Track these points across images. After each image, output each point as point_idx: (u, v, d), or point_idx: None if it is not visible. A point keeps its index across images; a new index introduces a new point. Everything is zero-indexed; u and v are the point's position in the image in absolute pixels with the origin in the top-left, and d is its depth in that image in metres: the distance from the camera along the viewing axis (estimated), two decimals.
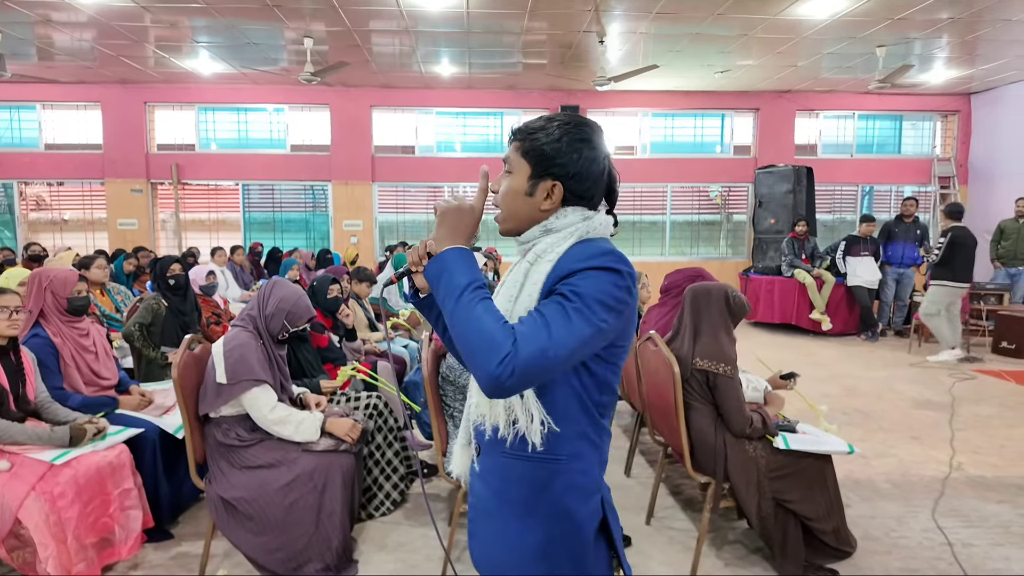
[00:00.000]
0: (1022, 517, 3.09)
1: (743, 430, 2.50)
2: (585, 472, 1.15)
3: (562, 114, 1.19)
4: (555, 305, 1.03)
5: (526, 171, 1.17)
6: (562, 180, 1.15)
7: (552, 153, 1.14)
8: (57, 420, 2.62)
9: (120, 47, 7.46)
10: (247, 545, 2.44)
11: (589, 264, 1.06)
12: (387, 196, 10.12)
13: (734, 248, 10.63)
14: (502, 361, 0.96)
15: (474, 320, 1.00)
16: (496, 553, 1.21)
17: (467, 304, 1.01)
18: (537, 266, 1.13)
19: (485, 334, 0.98)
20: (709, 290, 2.65)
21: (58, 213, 9.96)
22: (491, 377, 0.97)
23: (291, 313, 2.68)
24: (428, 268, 1.08)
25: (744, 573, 2.60)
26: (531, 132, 1.17)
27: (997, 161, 9.68)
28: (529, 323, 1.01)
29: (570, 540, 1.15)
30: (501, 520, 1.18)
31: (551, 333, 0.99)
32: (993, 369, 6.15)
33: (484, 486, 1.22)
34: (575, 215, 1.16)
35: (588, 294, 1.03)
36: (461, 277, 1.04)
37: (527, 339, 0.98)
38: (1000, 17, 6.33)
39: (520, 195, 1.17)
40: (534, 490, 1.14)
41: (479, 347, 0.98)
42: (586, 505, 1.16)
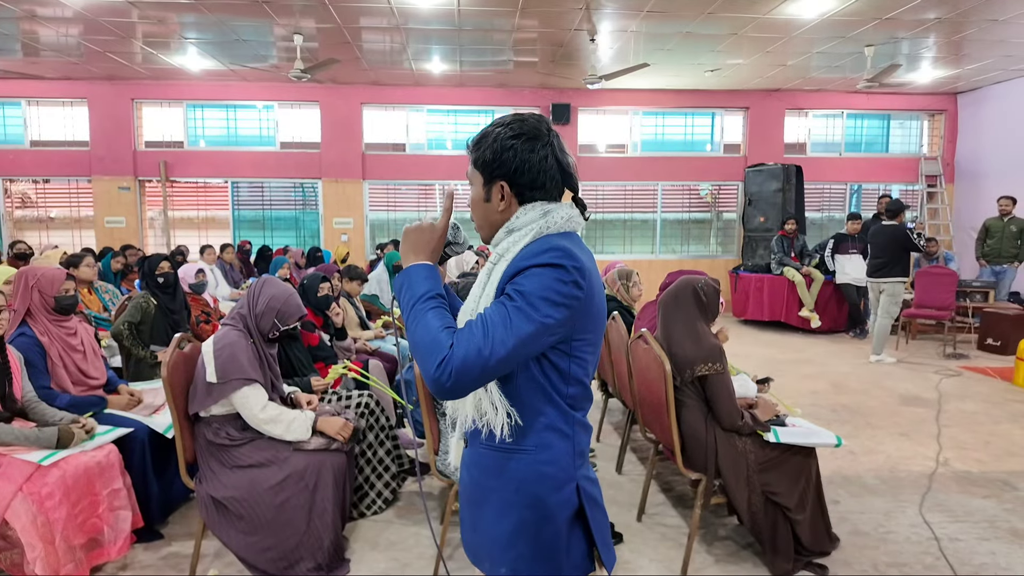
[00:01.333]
0: (1007, 512, 3.14)
1: (735, 423, 2.52)
2: (553, 462, 1.19)
3: (504, 117, 1.24)
4: (497, 305, 1.09)
5: (479, 179, 1.25)
6: (505, 179, 1.21)
7: (491, 156, 1.21)
8: (44, 420, 2.59)
9: (107, 43, 7.38)
10: (238, 545, 2.43)
11: (534, 262, 1.11)
12: (378, 194, 10.09)
13: (724, 246, 10.69)
14: (440, 364, 1.03)
15: (422, 327, 1.08)
16: (475, 538, 1.29)
17: (419, 312, 1.10)
18: (498, 266, 1.19)
19: (428, 339, 1.06)
20: (676, 293, 2.65)
21: (44, 211, 9.84)
22: (432, 379, 1.04)
23: (281, 312, 2.67)
24: (395, 281, 1.19)
25: (735, 568, 2.62)
26: (476, 142, 1.25)
27: (983, 160, 9.79)
28: (469, 326, 1.08)
29: (539, 528, 1.18)
30: (481, 508, 1.24)
31: (487, 332, 1.05)
32: (979, 366, 6.23)
33: (469, 476, 1.29)
34: (534, 212, 1.20)
35: (530, 292, 1.08)
36: (418, 288, 1.13)
37: (463, 341, 1.04)
38: (986, 17, 6.40)
39: (480, 203, 1.27)
40: (504, 479, 1.20)
41: (423, 351, 1.06)
42: (557, 494, 1.19)
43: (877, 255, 6.33)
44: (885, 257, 6.24)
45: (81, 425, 2.56)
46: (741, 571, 2.60)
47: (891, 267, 6.22)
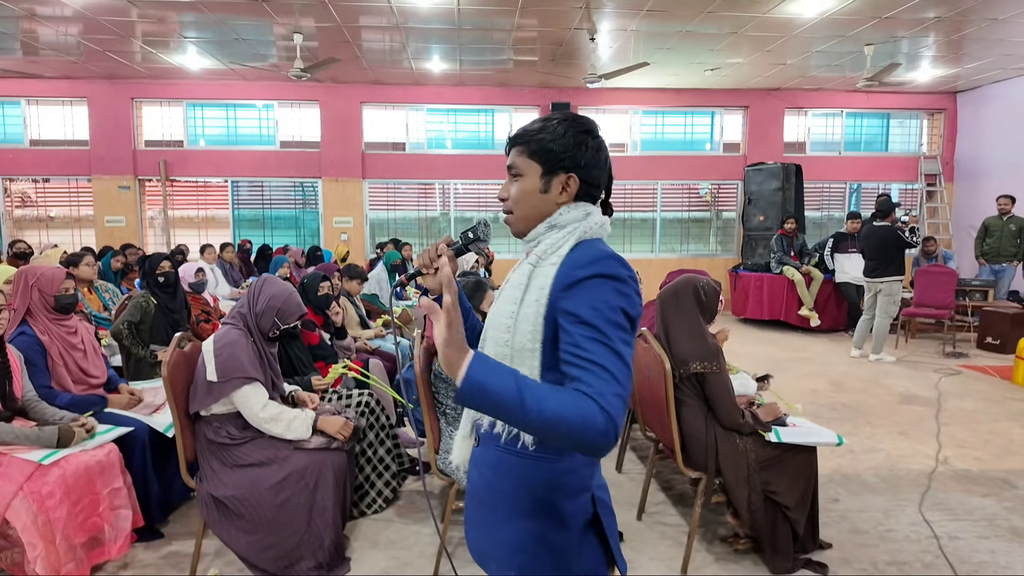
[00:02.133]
0: (1007, 510, 3.14)
1: (735, 422, 2.52)
2: (572, 471, 1.18)
3: (558, 113, 1.23)
4: (599, 346, 1.02)
5: (537, 170, 1.20)
6: (575, 171, 1.19)
7: (560, 148, 1.18)
8: (44, 419, 2.60)
9: (107, 42, 7.38)
10: (238, 544, 2.43)
11: (591, 271, 1.07)
12: (378, 193, 10.08)
13: (723, 245, 10.69)
14: (605, 433, 0.97)
15: (551, 415, 0.95)
16: (485, 541, 1.25)
17: (534, 408, 0.95)
18: (541, 268, 1.15)
19: (573, 421, 0.96)
20: (676, 291, 2.65)
21: (44, 210, 9.84)
22: (600, 449, 0.98)
23: (282, 310, 2.67)
24: (463, 396, 0.99)
25: (735, 567, 2.63)
26: (534, 134, 1.20)
27: (982, 159, 9.80)
28: (594, 378, 1.00)
29: (554, 535, 1.17)
30: (491, 510, 1.22)
31: (617, 377, 1.01)
32: (978, 364, 6.24)
33: (479, 476, 1.26)
34: (578, 211, 1.19)
35: (612, 316, 1.05)
36: (504, 388, 0.97)
37: (606, 397, 0.98)
38: (986, 16, 6.40)
39: (535, 194, 1.20)
40: (522, 485, 1.17)
41: (573, 433, 0.96)
42: (573, 502, 1.18)
43: (871, 256, 6.33)
44: (879, 258, 6.23)
45: (81, 424, 2.56)
46: (741, 569, 2.61)
47: (886, 267, 6.20)
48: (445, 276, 1.21)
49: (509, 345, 1.14)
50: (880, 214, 6.28)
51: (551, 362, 1.11)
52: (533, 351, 1.11)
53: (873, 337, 6.40)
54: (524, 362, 1.12)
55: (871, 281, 6.36)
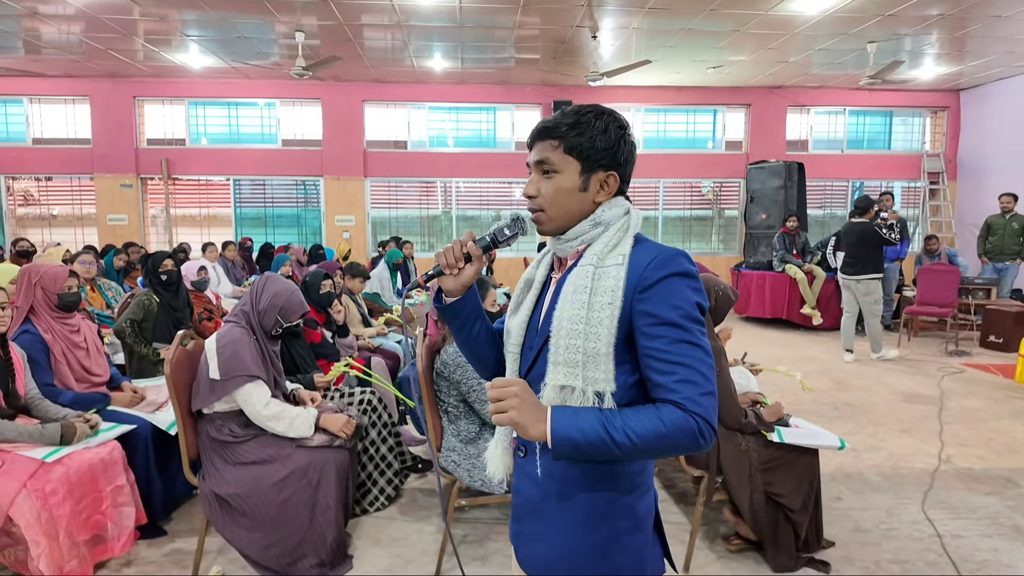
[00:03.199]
0: (1009, 509, 3.14)
1: (737, 421, 2.52)
2: (643, 471, 1.16)
3: (585, 106, 1.17)
4: (684, 345, 1.04)
5: (575, 167, 1.14)
6: (616, 169, 1.16)
7: (602, 144, 1.14)
8: (48, 417, 2.60)
9: (109, 40, 7.38)
10: (241, 541, 2.44)
11: (669, 271, 1.07)
12: (379, 191, 10.09)
13: (726, 243, 10.68)
14: (703, 437, 1.00)
15: (645, 439, 1.00)
16: (549, 554, 1.17)
17: (623, 437, 1.00)
18: (605, 269, 1.10)
19: (667, 436, 1.00)
20: None
21: (46, 208, 9.86)
22: (702, 448, 1.02)
23: (284, 309, 2.67)
24: (558, 452, 1.03)
25: (737, 565, 2.62)
26: (569, 128, 1.14)
27: (985, 157, 9.77)
28: (682, 382, 1.02)
29: (632, 537, 1.15)
30: (560, 520, 1.15)
31: (705, 375, 1.03)
32: (981, 363, 6.22)
33: (536, 488, 1.18)
34: (618, 208, 1.17)
35: (694, 315, 1.06)
36: (592, 431, 1.01)
37: (697, 401, 1.01)
38: (989, 13, 6.38)
39: (574, 192, 1.15)
40: (596, 491, 1.13)
41: (672, 447, 1.01)
42: (644, 501, 1.17)
43: (850, 253, 6.26)
44: (858, 255, 6.14)
45: (86, 420, 2.56)
46: (743, 567, 2.61)
47: (863, 264, 6.11)
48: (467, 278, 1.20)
49: (581, 351, 1.08)
50: (859, 211, 6.22)
51: (620, 360, 1.08)
52: (607, 355, 1.07)
53: (869, 339, 6.34)
54: (599, 366, 1.07)
55: (847, 279, 6.28)
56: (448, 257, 1.17)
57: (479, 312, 1.28)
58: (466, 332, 1.27)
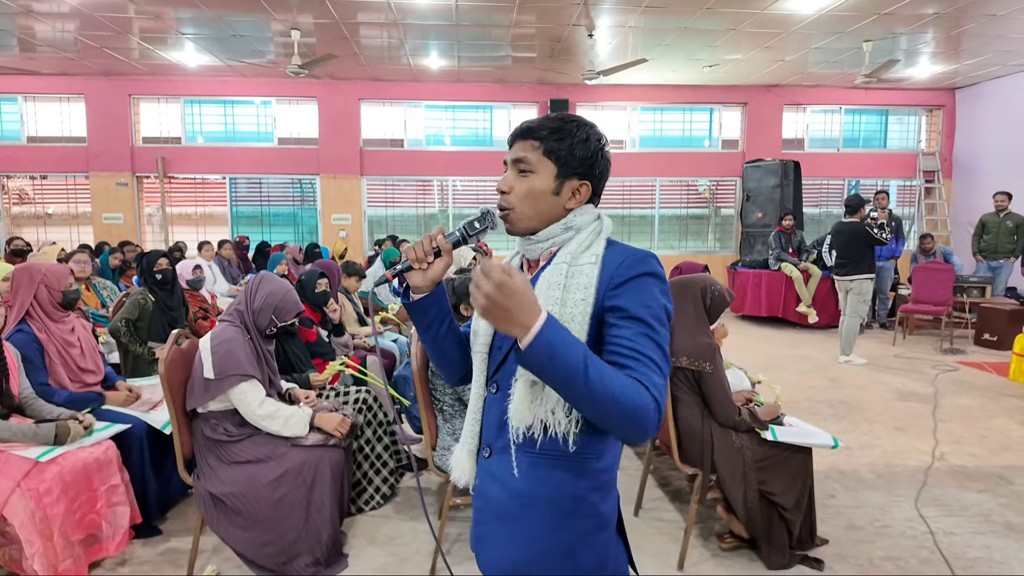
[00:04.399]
0: (1002, 506, 3.15)
1: (731, 419, 2.53)
2: (608, 469, 1.17)
3: (570, 115, 1.21)
4: (647, 340, 1.05)
5: (551, 170, 1.16)
6: (590, 180, 1.19)
7: (581, 154, 1.17)
8: (42, 417, 2.60)
9: (104, 38, 7.36)
10: (236, 540, 2.44)
11: (640, 271, 1.09)
12: (376, 190, 10.08)
13: (722, 242, 10.70)
14: (653, 420, 0.99)
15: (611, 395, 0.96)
16: (513, 555, 1.17)
17: (596, 383, 0.96)
18: (578, 267, 1.13)
19: (630, 404, 0.97)
20: (686, 284, 2.65)
21: (41, 207, 9.83)
22: (646, 437, 1.00)
23: (279, 308, 2.67)
24: (530, 356, 0.96)
25: (731, 562, 2.63)
26: (551, 132, 1.16)
27: (980, 155, 9.80)
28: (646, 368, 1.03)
29: (596, 537, 1.15)
30: (525, 520, 1.15)
31: (662, 369, 1.04)
32: (975, 361, 6.25)
33: (501, 489, 1.17)
34: (589, 214, 1.20)
35: (660, 314, 1.08)
36: (574, 353, 0.96)
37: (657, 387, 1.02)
38: (984, 12, 6.39)
39: (546, 194, 1.17)
40: (564, 488, 1.13)
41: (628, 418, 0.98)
42: (608, 501, 1.17)
43: (841, 254, 6.19)
44: (849, 255, 6.08)
45: (79, 421, 2.56)
46: (737, 565, 2.62)
47: (855, 264, 6.04)
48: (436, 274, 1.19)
49: None
50: (849, 210, 6.16)
51: None
52: None
53: (841, 337, 6.23)
54: None
55: (840, 279, 6.22)
56: (417, 251, 1.16)
57: (447, 312, 1.27)
58: (433, 331, 1.26)
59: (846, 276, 6.14)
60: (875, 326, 8.07)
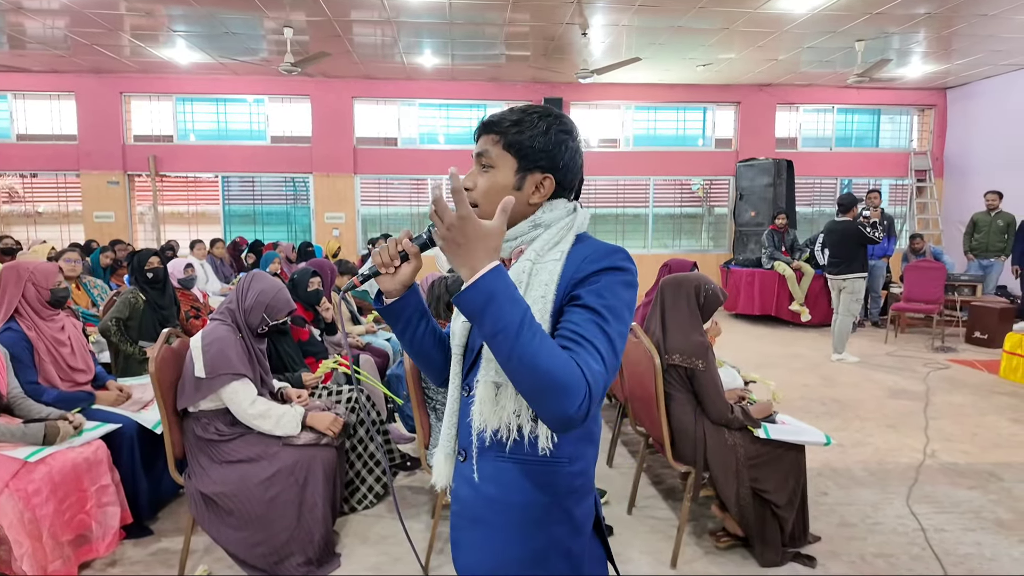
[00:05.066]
0: (993, 503, 3.18)
1: (724, 416, 2.53)
2: (583, 473, 1.14)
3: (536, 105, 1.17)
4: (595, 328, 1.00)
5: (512, 165, 1.13)
6: (552, 172, 1.14)
7: (541, 146, 1.12)
8: (31, 416, 2.58)
9: (94, 35, 7.30)
10: (228, 540, 2.43)
11: (604, 264, 1.05)
12: (369, 188, 10.05)
13: (715, 240, 10.73)
14: (580, 404, 0.92)
15: (541, 363, 0.91)
16: (487, 560, 1.15)
17: (528, 342, 0.91)
18: (542, 264, 1.09)
19: (558, 378, 0.91)
20: (680, 282, 2.66)
21: (32, 205, 9.75)
22: (569, 420, 0.93)
23: (270, 306, 2.66)
24: (467, 297, 0.93)
25: (724, 560, 2.64)
26: (512, 125, 1.13)
27: (971, 155, 9.86)
28: (586, 353, 0.97)
29: (569, 542, 1.13)
30: (497, 526, 1.13)
31: (605, 360, 0.98)
32: (966, 359, 6.29)
33: (474, 492, 1.15)
34: (561, 209, 1.15)
35: (616, 306, 1.02)
36: (514, 308, 0.92)
37: (593, 373, 0.95)
38: (975, 12, 6.43)
39: (507, 189, 1.13)
40: (534, 495, 1.11)
41: (553, 392, 0.91)
42: (583, 505, 1.14)
43: (834, 253, 6.19)
44: (841, 254, 6.08)
45: (69, 420, 2.54)
46: (730, 563, 2.62)
47: (849, 264, 6.04)
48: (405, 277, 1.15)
49: None
50: (842, 208, 6.15)
51: None
52: None
53: (834, 335, 6.25)
54: None
55: (833, 278, 6.22)
56: (383, 256, 1.13)
57: (423, 312, 1.24)
58: (410, 333, 1.23)
59: (839, 275, 6.14)
60: (867, 324, 8.11)
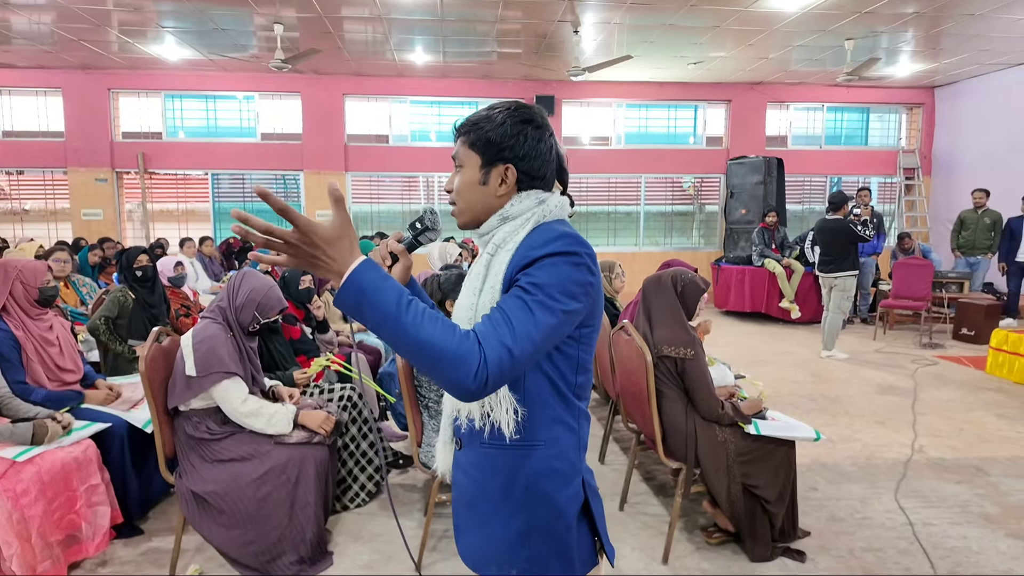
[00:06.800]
0: (979, 497, 3.22)
1: (714, 412, 2.55)
2: (561, 456, 1.16)
3: (503, 102, 1.20)
4: (515, 299, 1.02)
5: (476, 161, 1.17)
6: (513, 162, 1.16)
7: (498, 138, 1.15)
8: (18, 416, 2.55)
9: (81, 31, 7.22)
10: (219, 539, 2.42)
11: (546, 251, 1.05)
12: (361, 186, 10.01)
13: (706, 238, 10.77)
14: (475, 374, 0.93)
15: (426, 339, 0.93)
16: (479, 544, 1.21)
17: (411, 325, 0.93)
18: (497, 256, 1.13)
19: (447, 350, 0.93)
20: (658, 278, 2.72)
21: (18, 203, 9.63)
22: (467, 391, 0.95)
23: (262, 304, 2.64)
24: (341, 298, 0.95)
25: (715, 555, 2.66)
26: (475, 123, 1.18)
27: (959, 153, 9.95)
28: (490, 323, 0.99)
29: (551, 525, 1.16)
30: (482, 510, 1.19)
31: (514, 330, 0.97)
32: (953, 355, 6.36)
33: (465, 478, 1.23)
34: (530, 200, 1.17)
35: (548, 283, 1.02)
36: (386, 296, 0.94)
37: (491, 342, 0.95)
38: (963, 12, 6.49)
39: (475, 186, 1.18)
40: (513, 478, 1.15)
41: (445, 364, 0.93)
42: (566, 489, 1.16)
43: (825, 251, 6.22)
44: (832, 252, 6.12)
45: (57, 420, 2.52)
46: (721, 558, 2.64)
47: (840, 262, 6.08)
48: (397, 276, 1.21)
49: None
50: (833, 206, 6.18)
51: None
52: None
53: (824, 332, 6.29)
54: None
55: (825, 276, 6.26)
56: (375, 257, 1.18)
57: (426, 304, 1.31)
58: None
59: (830, 273, 6.18)
60: (856, 321, 8.18)
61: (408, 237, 1.24)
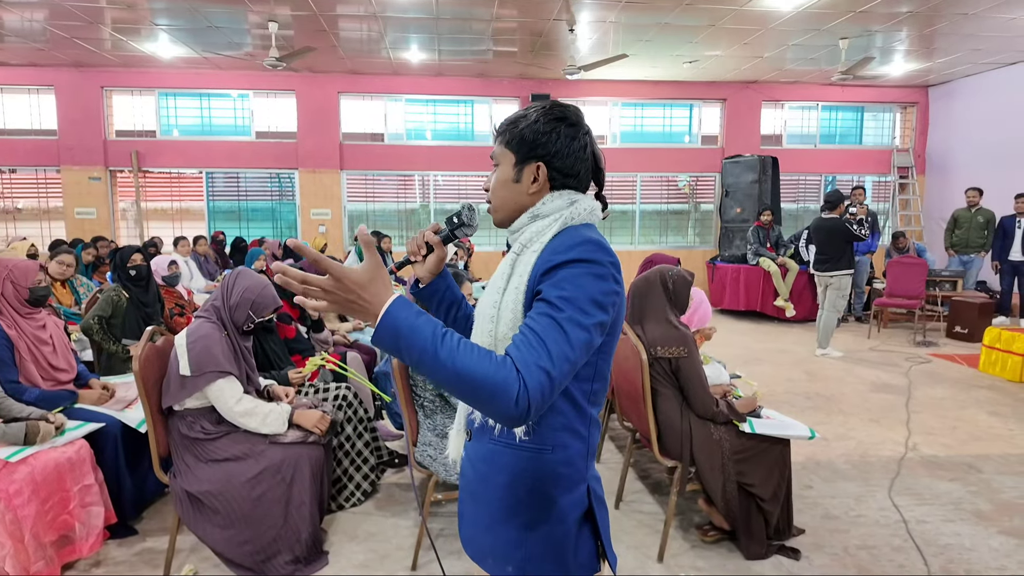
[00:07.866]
0: (972, 494, 3.23)
1: (709, 410, 2.56)
2: (569, 463, 1.16)
3: (542, 103, 1.22)
4: (545, 318, 1.01)
5: (511, 159, 1.20)
6: (545, 160, 1.18)
7: (531, 135, 1.17)
8: (11, 416, 2.54)
9: (74, 28, 7.18)
10: (214, 539, 2.41)
11: (568, 256, 1.05)
12: (356, 184, 9.99)
13: (702, 237, 10.79)
14: (516, 401, 0.94)
15: (464, 370, 0.93)
16: (480, 537, 1.24)
17: (448, 358, 0.94)
18: (523, 257, 1.14)
19: (487, 380, 0.93)
20: (647, 277, 2.71)
21: (11, 202, 9.58)
22: (511, 418, 0.95)
23: (256, 303, 2.64)
24: (379, 338, 0.97)
25: (710, 553, 2.67)
26: (512, 122, 1.21)
27: (952, 152, 10.00)
28: (525, 346, 0.98)
29: (550, 528, 1.16)
30: (486, 505, 1.21)
31: (550, 352, 0.97)
32: (947, 353, 6.39)
33: (472, 470, 1.25)
34: (561, 200, 1.17)
35: (577, 297, 1.02)
36: (422, 332, 0.95)
37: (529, 367, 0.96)
38: (956, 11, 6.51)
39: (508, 183, 1.21)
40: (517, 478, 1.16)
41: (485, 394, 0.94)
42: (569, 495, 1.16)
43: (820, 250, 6.23)
44: (828, 251, 6.13)
45: (50, 420, 2.51)
46: (716, 556, 2.65)
47: (836, 260, 6.09)
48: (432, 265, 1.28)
49: (493, 335, 1.13)
50: (828, 206, 6.18)
51: None
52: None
53: (819, 331, 6.30)
54: None
55: (820, 275, 6.26)
56: (411, 246, 1.28)
57: (455, 300, 1.36)
58: (441, 317, 1.34)
59: (826, 271, 6.20)
60: (851, 319, 8.21)
61: (445, 230, 1.28)
